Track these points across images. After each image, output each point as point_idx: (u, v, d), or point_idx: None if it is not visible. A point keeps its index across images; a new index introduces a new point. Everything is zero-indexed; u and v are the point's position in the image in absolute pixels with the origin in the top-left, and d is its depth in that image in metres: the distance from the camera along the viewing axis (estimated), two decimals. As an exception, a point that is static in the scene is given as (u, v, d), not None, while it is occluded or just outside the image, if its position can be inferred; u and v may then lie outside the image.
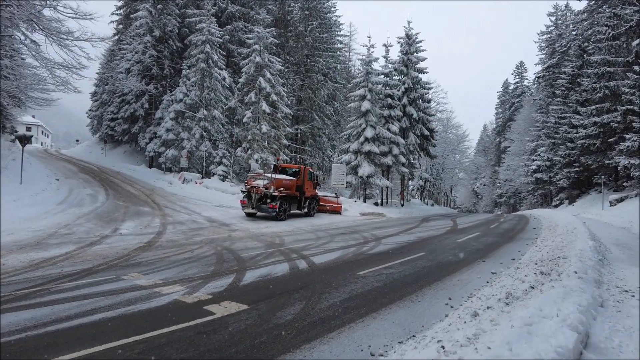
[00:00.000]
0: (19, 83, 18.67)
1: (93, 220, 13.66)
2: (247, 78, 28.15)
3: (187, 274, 7.07)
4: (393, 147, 28.79)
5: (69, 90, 19.97)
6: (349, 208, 23.92)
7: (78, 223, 12.86)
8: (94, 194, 19.76)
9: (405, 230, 15.54)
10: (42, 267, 7.47)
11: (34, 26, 19.38)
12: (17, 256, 8.35)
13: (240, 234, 12.77)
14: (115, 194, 20.71)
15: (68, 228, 11.89)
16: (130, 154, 39.84)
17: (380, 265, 8.01)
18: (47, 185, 19.52)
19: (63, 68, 18.87)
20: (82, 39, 19.54)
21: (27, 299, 5.48)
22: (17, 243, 9.67)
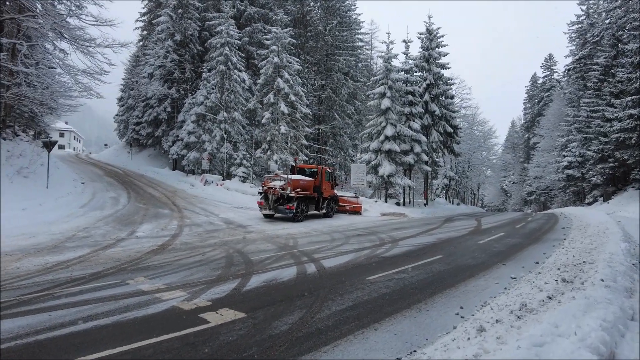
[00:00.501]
0: (46, 91, 19.27)
1: (112, 223, 13.85)
2: (265, 79, 28.16)
3: (193, 278, 6.94)
4: (415, 145, 28.14)
5: (92, 95, 20.51)
6: (369, 208, 23.50)
7: (97, 226, 13.06)
8: (116, 197, 20.17)
9: (425, 231, 15.04)
10: (54, 271, 7.52)
11: (60, 35, 19.99)
12: (33, 259, 8.47)
13: (255, 235, 12.64)
14: (136, 197, 21.07)
15: (86, 231, 12.07)
16: (154, 157, 40.69)
17: (392, 269, 7.65)
18: (73, 189, 20.06)
19: (85, 74, 19.37)
20: (104, 45, 20.00)
21: (28, 304, 5.47)
22: (35, 246, 9.84)
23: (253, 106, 29.61)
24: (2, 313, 5.07)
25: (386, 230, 14.71)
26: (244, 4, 35.64)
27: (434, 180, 39.79)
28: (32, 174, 18.31)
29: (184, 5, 34.17)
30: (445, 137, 31.25)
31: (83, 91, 19.82)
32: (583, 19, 42.00)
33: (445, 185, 45.00)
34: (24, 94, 18.68)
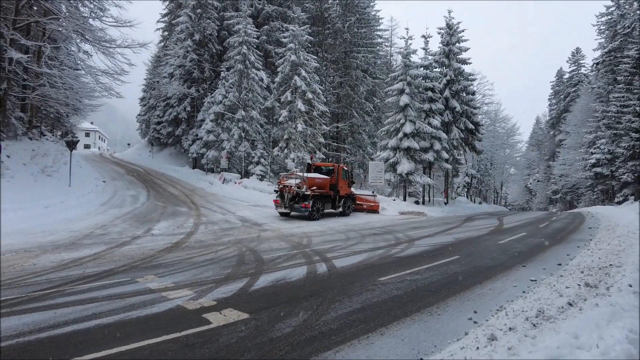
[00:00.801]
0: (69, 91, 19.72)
1: (129, 220, 14.05)
2: (282, 77, 28.13)
3: (202, 277, 6.89)
4: (434, 142, 27.56)
5: (112, 95, 20.92)
6: (388, 207, 23.14)
7: (114, 224, 13.25)
8: (136, 195, 20.50)
9: (443, 230, 14.65)
10: (68, 268, 7.60)
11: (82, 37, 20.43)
12: (50, 256, 8.61)
13: (269, 234, 12.57)
14: (156, 195, 21.37)
15: (104, 229, 12.26)
16: (175, 155, 41.32)
17: (406, 270, 7.40)
18: (94, 187, 20.52)
19: (106, 75, 19.75)
20: (124, 46, 20.33)
21: (38, 301, 5.50)
22: (54, 243, 10.02)
23: (271, 104, 29.63)
24: (11, 310, 5.11)
25: (403, 230, 14.40)
26: (262, 3, 35.70)
27: (455, 179, 38.98)
28: (55, 172, 18.79)
29: (203, 5, 34.49)
30: (466, 134, 30.52)
31: (104, 91, 20.25)
32: (613, 10, 40.27)
33: (466, 183, 44.04)
34: (48, 94, 19.18)
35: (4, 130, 18.78)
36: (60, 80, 18.34)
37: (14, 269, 7.56)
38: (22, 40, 18.07)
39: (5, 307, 5.21)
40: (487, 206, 40.38)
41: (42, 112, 25.93)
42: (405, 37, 27.54)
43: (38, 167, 17.98)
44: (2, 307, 5.21)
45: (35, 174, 17.27)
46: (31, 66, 18.32)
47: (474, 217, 22.18)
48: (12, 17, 18.83)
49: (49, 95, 19.36)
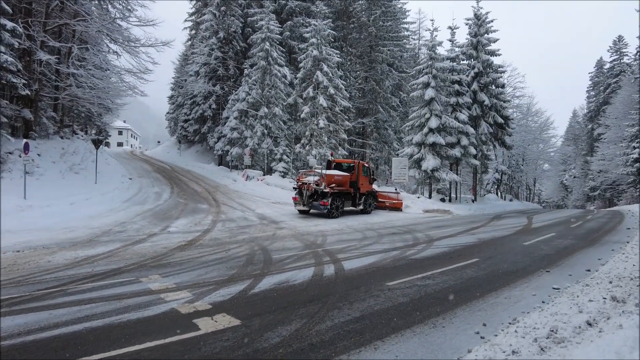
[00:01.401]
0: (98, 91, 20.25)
1: (149, 218, 14.20)
2: (304, 73, 27.88)
3: (205, 277, 6.76)
4: (462, 137, 26.58)
5: (136, 94, 21.34)
6: (411, 204, 22.52)
7: (134, 221, 13.42)
8: (159, 192, 20.84)
9: (467, 230, 14.03)
10: (79, 266, 7.66)
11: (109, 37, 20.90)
12: (65, 253, 8.73)
13: (285, 232, 12.40)
14: (179, 192, 21.67)
15: (123, 226, 12.42)
16: (201, 153, 41.98)
17: (417, 274, 6.99)
18: (120, 184, 21.00)
19: (130, 73, 20.14)
20: (147, 45, 20.65)
21: (38, 300, 5.50)
22: (72, 240, 10.21)
23: (293, 101, 29.47)
24: (10, 309, 5.11)
25: (424, 229, 13.91)
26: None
27: (483, 175, 37.58)
28: (83, 170, 19.35)
29: (227, 2, 34.68)
30: (495, 129, 29.28)
31: (128, 90, 20.67)
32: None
33: (496, 180, 42.41)
34: (76, 94, 19.75)
35: (36, 130, 19.51)
36: (87, 81, 18.83)
37: (28, 265, 7.70)
38: (50, 42, 18.67)
39: (6, 306, 5.22)
40: (517, 204, 38.74)
41: (74, 112, 26.85)
42: (431, 29, 26.69)
43: (67, 164, 18.55)
44: (2, 306, 5.23)
45: (63, 171, 17.82)
46: (59, 67, 18.90)
47: (502, 216, 21.26)
48: (43, 19, 19.50)
49: (77, 95, 19.96)
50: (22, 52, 18.72)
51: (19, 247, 9.26)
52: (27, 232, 11.00)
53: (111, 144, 65.59)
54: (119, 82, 20.95)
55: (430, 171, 25.35)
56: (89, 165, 20.11)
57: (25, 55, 18.69)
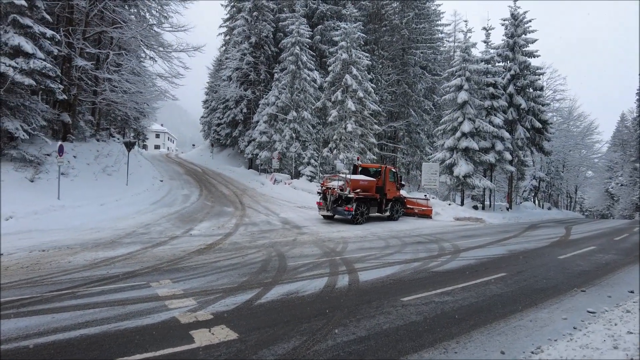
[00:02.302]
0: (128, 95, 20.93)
1: (174, 220, 14.37)
2: (333, 76, 27.70)
3: (214, 284, 6.62)
4: (496, 142, 25.49)
5: (168, 98, 21.86)
6: (442, 212, 21.74)
7: (158, 223, 13.60)
8: (188, 194, 21.17)
9: (498, 240, 13.28)
10: (96, 267, 7.73)
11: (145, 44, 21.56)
12: (87, 254, 8.88)
13: (306, 238, 12.18)
14: (207, 194, 21.94)
15: (146, 228, 12.58)
16: (233, 156, 42.67)
17: (437, 289, 6.53)
18: (150, 186, 21.53)
19: (161, 78, 20.67)
20: (179, 50, 21.12)
21: (46, 302, 5.52)
22: (96, 241, 10.41)
23: (322, 104, 29.35)
24: (17, 311, 5.14)
25: (452, 238, 13.28)
26: (316, 2, 35.54)
27: (520, 182, 35.94)
28: (116, 172, 19.97)
29: (259, 7, 35.10)
30: (533, 134, 27.88)
31: (160, 94, 21.21)
32: None
33: (533, 187, 40.43)
34: (111, 98, 20.46)
35: (74, 133, 20.35)
36: (120, 85, 19.46)
37: (49, 265, 7.85)
38: (88, 48, 19.43)
39: (14, 307, 5.25)
40: (556, 212, 36.70)
41: (111, 116, 27.94)
42: (464, 30, 25.82)
43: (100, 166, 19.20)
44: (12, 307, 5.27)
45: (96, 173, 18.44)
46: (96, 72, 19.65)
47: (538, 225, 20.12)
48: (83, 27, 20.36)
49: (112, 99, 20.68)
50: (63, 59, 19.62)
51: (46, 246, 9.52)
52: (56, 231, 11.35)
53: (148, 147, 68.01)
54: (152, 86, 21.53)
55: (463, 177, 24.45)
56: (122, 167, 20.72)
57: (66, 61, 19.58)
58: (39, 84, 15.74)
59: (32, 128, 15.95)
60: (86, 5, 19.37)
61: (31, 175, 15.35)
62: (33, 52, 15.26)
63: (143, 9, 24.06)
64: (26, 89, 15.77)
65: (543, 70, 30.00)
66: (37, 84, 15.69)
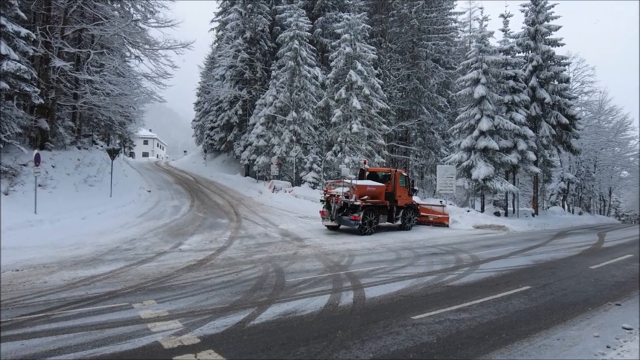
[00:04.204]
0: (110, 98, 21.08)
1: (162, 234, 14.37)
2: (336, 72, 27.79)
3: (204, 304, 6.59)
4: (518, 141, 25.36)
5: (155, 100, 21.99)
6: (459, 219, 21.61)
7: (145, 237, 13.60)
8: (178, 206, 21.23)
9: (522, 250, 13.21)
10: (74, 288, 7.71)
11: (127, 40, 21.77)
12: (65, 273, 8.87)
13: (308, 251, 12.16)
14: (199, 205, 21.98)
15: (132, 243, 12.59)
16: (228, 163, 42.83)
17: (452, 305, 6.45)
18: (136, 197, 21.62)
19: (147, 78, 20.82)
20: (166, 47, 21.29)
21: (17, 327, 5.49)
22: (75, 258, 10.40)
23: (324, 104, 29.42)
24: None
25: (471, 248, 13.22)
26: (317, -8, 35.80)
27: (546, 184, 35.76)
28: (98, 182, 20.07)
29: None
30: (559, 131, 27.74)
31: (146, 96, 21.36)
32: None
33: (562, 190, 40.15)
34: (92, 101, 20.62)
35: (52, 140, 20.50)
36: (101, 87, 19.61)
37: (23, 287, 7.83)
38: (66, 48, 19.63)
39: (-20, 334, 5.23)
40: (588, 217, 36.33)
41: (93, 121, 28.16)
42: (480, 18, 25.86)
43: (81, 176, 19.31)
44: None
45: (77, 183, 18.54)
46: (76, 74, 19.82)
47: (567, 232, 19.99)
48: (61, 25, 20.59)
49: (93, 103, 20.84)
50: (40, 60, 19.83)
51: (20, 265, 9.51)
52: (33, 248, 11.36)
53: (136, 155, 68.41)
54: (137, 87, 21.70)
55: (482, 180, 24.32)
56: (105, 177, 20.84)
57: (43, 62, 19.78)
58: (13, 87, 15.89)
59: (6, 136, 16.08)
60: (64, 1, 19.60)
61: (5, 187, 15.45)
62: (6, 53, 15.44)
63: (127, 4, 24.35)
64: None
65: (569, 60, 29.90)
66: (12, 87, 15.85)
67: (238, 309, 6.29)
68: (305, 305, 6.48)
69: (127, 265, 9.71)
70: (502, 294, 7.21)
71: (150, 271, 9.11)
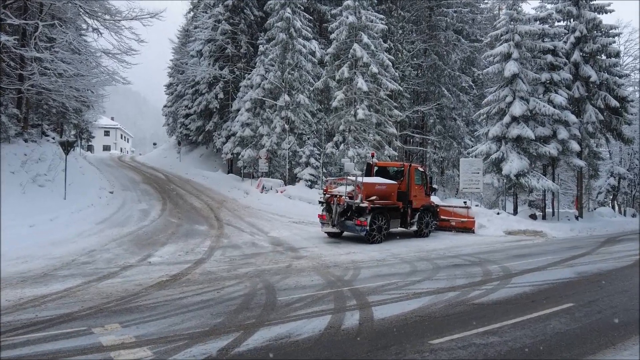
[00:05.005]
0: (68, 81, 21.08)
1: (127, 244, 14.50)
2: (337, 47, 27.88)
3: (178, 328, 6.65)
4: (558, 128, 25.54)
5: (117, 81, 22.02)
6: (488, 223, 21.78)
7: (107, 248, 13.73)
8: (146, 210, 21.41)
9: (564, 260, 13.40)
10: (21, 309, 7.75)
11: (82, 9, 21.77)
12: (9, 292, 8.90)
13: (304, 263, 12.30)
14: (172, 209, 22.16)
15: (91, 255, 12.69)
16: (206, 157, 43.01)
17: (479, 327, 6.54)
18: (96, 200, 21.75)
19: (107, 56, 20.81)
20: (130, 18, 21.32)
21: (-50, 360, 5.51)
22: (23, 274, 10.45)
23: (323, 84, 29.53)
24: None
25: (501, 259, 13.40)
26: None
27: (592, 181, 35.92)
28: (49, 182, 20.12)
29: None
30: (608, 115, 27.90)
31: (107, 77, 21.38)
32: None
33: (611, 187, 40.40)
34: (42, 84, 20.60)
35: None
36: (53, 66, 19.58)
37: (-42, 310, 7.86)
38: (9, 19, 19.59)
39: None
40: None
41: (43, 108, 28.16)
42: (511, -20, 25.90)
43: (29, 175, 19.36)
44: None
45: (24, 184, 18.58)
46: (19, 50, 19.80)
47: (618, 238, 20.28)
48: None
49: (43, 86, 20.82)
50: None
51: (-45, 283, 9.55)
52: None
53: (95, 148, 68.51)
54: (96, 66, 21.72)
55: (515, 176, 24.47)
56: (58, 176, 20.87)
57: (-20, 37, 19.76)
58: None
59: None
60: (6, -38, 19.59)
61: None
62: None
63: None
64: None
65: (619, 30, 30.02)
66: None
67: (220, 334, 6.36)
68: (301, 329, 6.55)
69: (85, 281, 9.78)
70: (539, 313, 7.34)
71: (113, 289, 9.18)
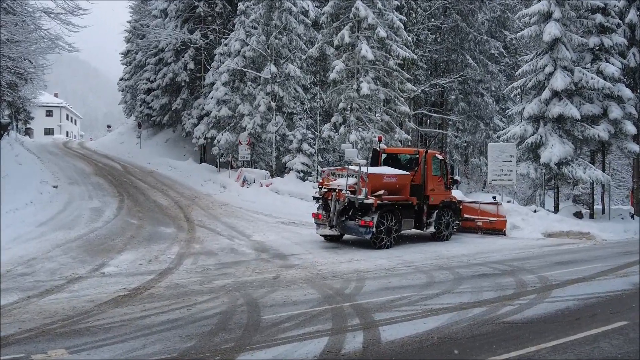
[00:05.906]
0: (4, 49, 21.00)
1: (76, 250, 14.57)
2: (336, 5, 27.80)
3: (140, 354, 6.73)
4: (610, 105, 25.75)
5: (62, 49, 21.93)
6: (523, 224, 21.97)
7: (50, 256, 13.77)
8: (99, 208, 21.45)
9: (615, 268, 13.47)
10: (-58, 334, 7.78)
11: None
12: None
13: (295, 273, 12.40)
14: (132, 207, 22.22)
15: (30, 265, 12.72)
16: (174, 142, 42.99)
17: (511, 351, 6.60)
18: (37, 197, 21.76)
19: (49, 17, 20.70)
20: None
21: None
22: (-58, 291, 10.46)
23: (318, 52, 29.48)
24: None
25: (538, 267, 13.51)
26: None
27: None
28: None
29: None
30: (672, 90, 28.10)
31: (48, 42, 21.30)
32: None
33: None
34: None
35: None
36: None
37: None
38: None
39: None
40: None
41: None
42: None
43: (-47, 166, 19.33)
44: None
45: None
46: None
47: (683, 242, 20.25)
48: None
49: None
50: None
51: None
52: None
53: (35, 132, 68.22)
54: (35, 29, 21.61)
55: (556, 165, 24.68)
56: (-11, 167, 20.91)
57: None
58: None
59: None
60: None
61: None
62: None
63: None
64: None
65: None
66: None
67: (191, 362, 6.40)
68: (292, 354, 6.59)
69: (23, 297, 9.83)
70: (585, 334, 7.40)
71: (58, 306, 9.22)
